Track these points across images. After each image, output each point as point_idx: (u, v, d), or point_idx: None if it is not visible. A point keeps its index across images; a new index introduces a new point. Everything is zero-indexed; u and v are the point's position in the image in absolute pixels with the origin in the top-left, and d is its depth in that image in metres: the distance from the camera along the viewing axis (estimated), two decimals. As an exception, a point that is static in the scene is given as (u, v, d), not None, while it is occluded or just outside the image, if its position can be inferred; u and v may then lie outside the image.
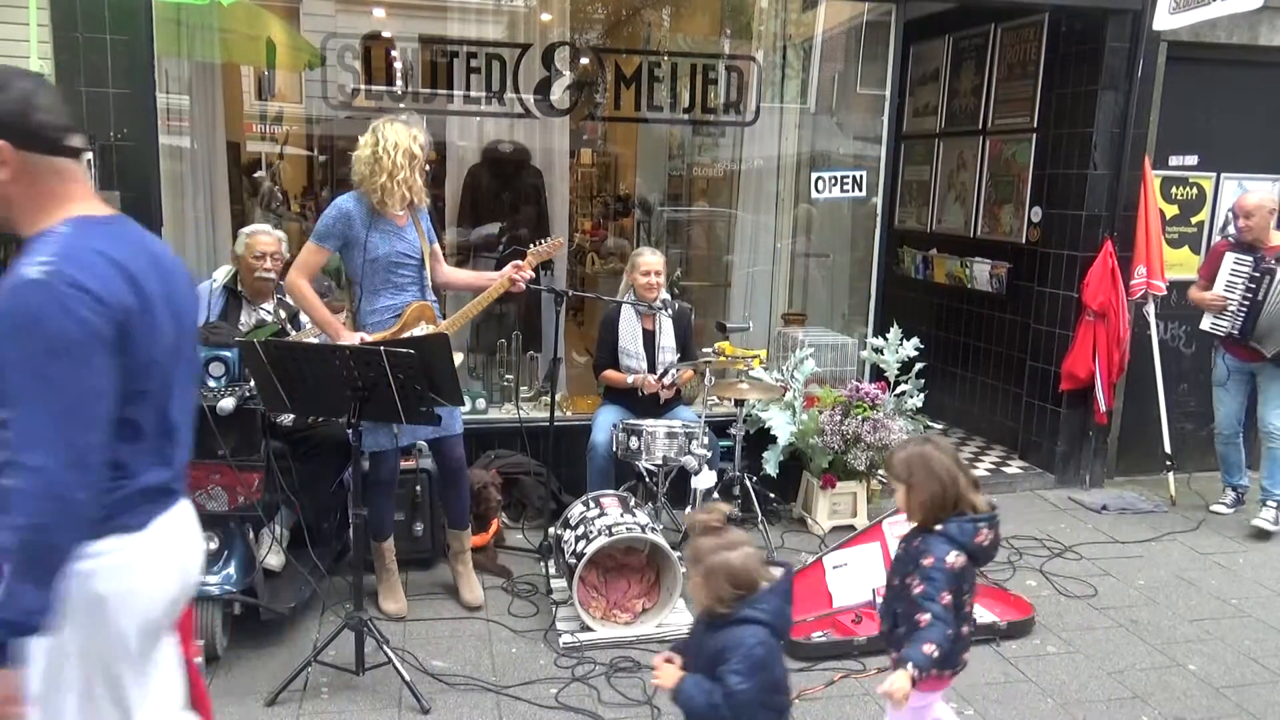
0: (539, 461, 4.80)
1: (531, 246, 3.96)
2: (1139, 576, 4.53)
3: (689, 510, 4.07)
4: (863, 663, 3.59)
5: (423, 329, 3.69)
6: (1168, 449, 5.56)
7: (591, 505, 3.90)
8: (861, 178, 5.50)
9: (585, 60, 5.77)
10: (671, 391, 4.48)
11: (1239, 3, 4.91)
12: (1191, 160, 5.76)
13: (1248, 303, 4.84)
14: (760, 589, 2.17)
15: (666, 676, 2.21)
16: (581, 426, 4.62)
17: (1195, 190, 5.82)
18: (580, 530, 3.74)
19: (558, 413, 4.45)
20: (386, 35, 5.54)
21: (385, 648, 3.29)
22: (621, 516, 3.75)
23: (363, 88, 5.34)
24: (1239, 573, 4.61)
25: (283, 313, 4.08)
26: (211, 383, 3.40)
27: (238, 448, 3.39)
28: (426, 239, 3.79)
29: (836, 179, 5.53)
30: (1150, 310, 5.51)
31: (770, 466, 4.84)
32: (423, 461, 4.25)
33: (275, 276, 4.00)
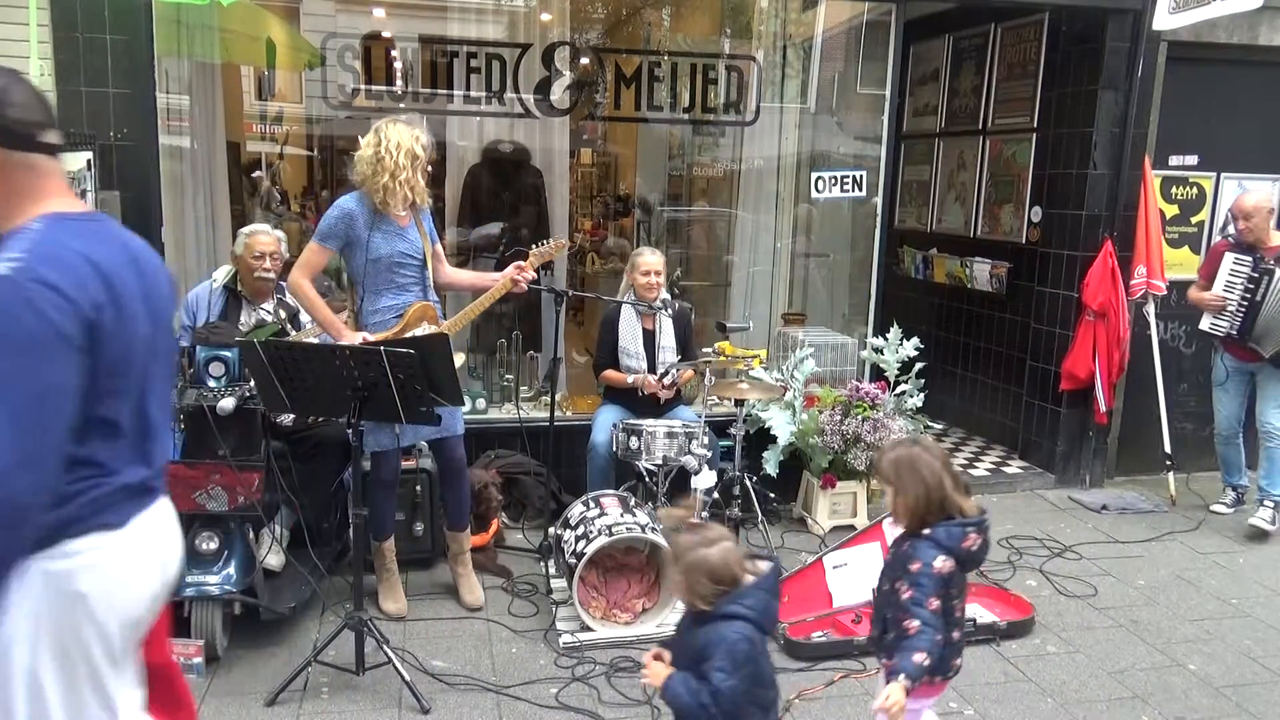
0: (539, 461, 4.80)
1: (534, 247, 3.96)
2: (1139, 576, 4.53)
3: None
4: (863, 663, 3.59)
5: (425, 329, 3.69)
6: (1168, 449, 5.55)
7: (591, 505, 3.90)
8: (861, 178, 5.50)
9: (585, 60, 5.77)
10: (671, 391, 4.47)
11: (1239, 3, 4.91)
12: (1191, 160, 5.76)
13: (1246, 303, 4.84)
14: (743, 584, 2.16)
15: (655, 674, 2.21)
16: (581, 426, 4.62)
17: (1195, 190, 5.82)
18: (580, 530, 3.74)
19: (558, 413, 4.46)
20: (386, 35, 5.54)
21: (385, 648, 3.29)
22: (621, 516, 3.75)
23: (363, 88, 5.34)
24: (1239, 572, 4.61)
25: (283, 313, 4.08)
26: (211, 383, 3.40)
27: (238, 448, 3.39)
28: (429, 239, 3.79)
29: (836, 179, 5.53)
30: (1150, 310, 5.51)
31: (770, 466, 4.84)
32: (423, 461, 4.26)
33: (275, 276, 4.01)
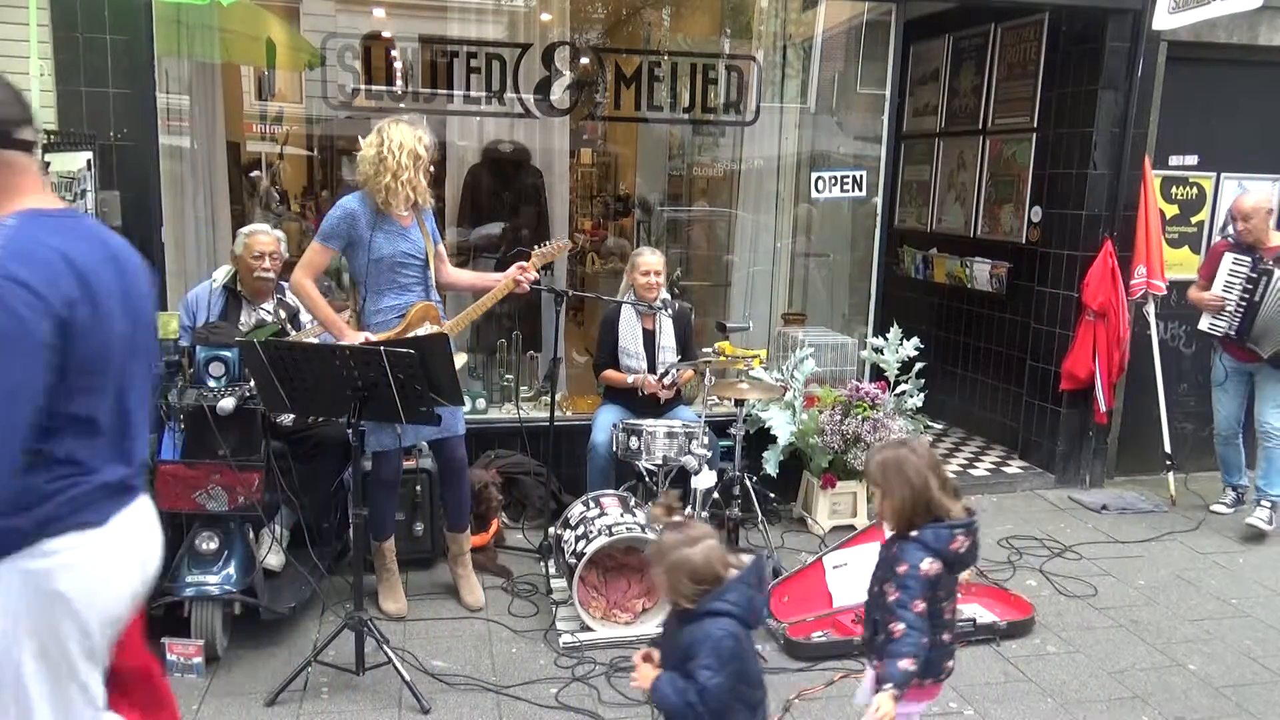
0: (539, 461, 4.80)
1: (536, 248, 3.96)
2: (1139, 576, 4.53)
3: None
4: (863, 663, 3.58)
5: (427, 329, 3.69)
6: (1167, 449, 5.55)
7: (591, 505, 3.90)
8: (861, 177, 5.50)
9: (585, 60, 5.77)
10: (671, 391, 4.47)
11: (1239, 2, 4.91)
12: (1191, 160, 5.76)
13: (1245, 303, 4.83)
14: (726, 581, 2.16)
15: (643, 676, 2.21)
16: (581, 426, 4.62)
17: (1195, 190, 5.82)
18: (580, 530, 3.74)
19: (558, 413, 4.46)
20: (386, 35, 5.53)
21: (385, 648, 3.29)
22: (621, 516, 3.75)
23: (363, 88, 5.34)
24: (1239, 572, 4.61)
25: (283, 312, 4.08)
26: (211, 383, 3.40)
27: (238, 448, 3.39)
28: (431, 239, 3.79)
29: (836, 179, 5.53)
30: (1150, 310, 5.51)
31: (770, 466, 4.84)
32: (423, 461, 4.26)
33: (274, 276, 4.01)
